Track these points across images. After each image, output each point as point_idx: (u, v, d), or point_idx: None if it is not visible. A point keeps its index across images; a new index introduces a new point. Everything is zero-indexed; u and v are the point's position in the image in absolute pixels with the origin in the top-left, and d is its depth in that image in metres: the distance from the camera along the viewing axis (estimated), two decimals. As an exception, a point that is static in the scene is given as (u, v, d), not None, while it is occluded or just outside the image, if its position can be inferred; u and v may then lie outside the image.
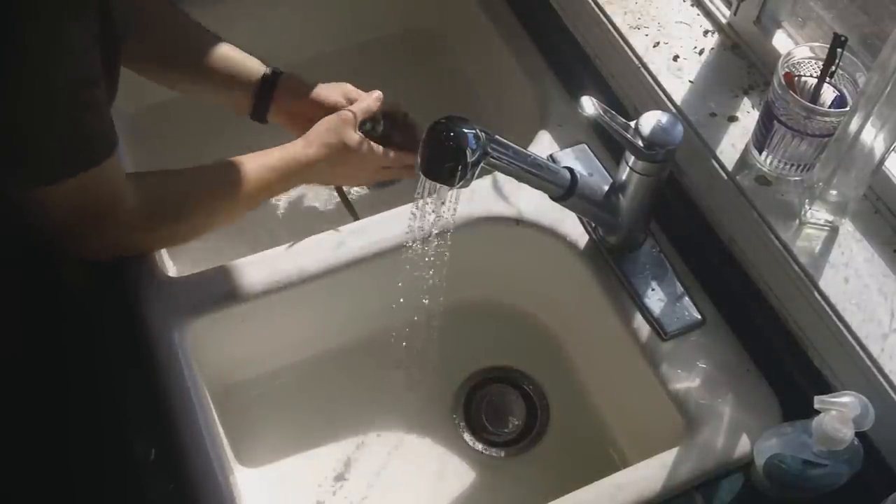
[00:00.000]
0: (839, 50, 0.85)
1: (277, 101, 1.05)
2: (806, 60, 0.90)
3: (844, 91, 0.88)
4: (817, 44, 0.89)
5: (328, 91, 1.06)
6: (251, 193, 0.96)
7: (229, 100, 1.05)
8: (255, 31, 1.26)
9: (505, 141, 0.81)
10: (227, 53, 1.04)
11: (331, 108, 1.04)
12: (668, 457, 0.86)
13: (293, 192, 1.21)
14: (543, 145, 1.09)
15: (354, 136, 1.01)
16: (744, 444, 0.87)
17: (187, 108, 1.14)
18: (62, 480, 0.93)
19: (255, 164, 0.96)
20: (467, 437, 1.07)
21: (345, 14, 1.34)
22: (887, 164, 0.85)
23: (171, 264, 1.00)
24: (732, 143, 0.96)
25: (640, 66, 1.03)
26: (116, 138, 0.82)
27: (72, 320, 0.95)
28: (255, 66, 1.05)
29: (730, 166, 0.94)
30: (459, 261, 0.89)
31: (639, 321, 0.95)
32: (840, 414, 0.74)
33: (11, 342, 0.95)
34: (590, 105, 0.85)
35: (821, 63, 0.87)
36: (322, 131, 1.00)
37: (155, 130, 1.23)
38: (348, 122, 1.01)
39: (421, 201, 0.82)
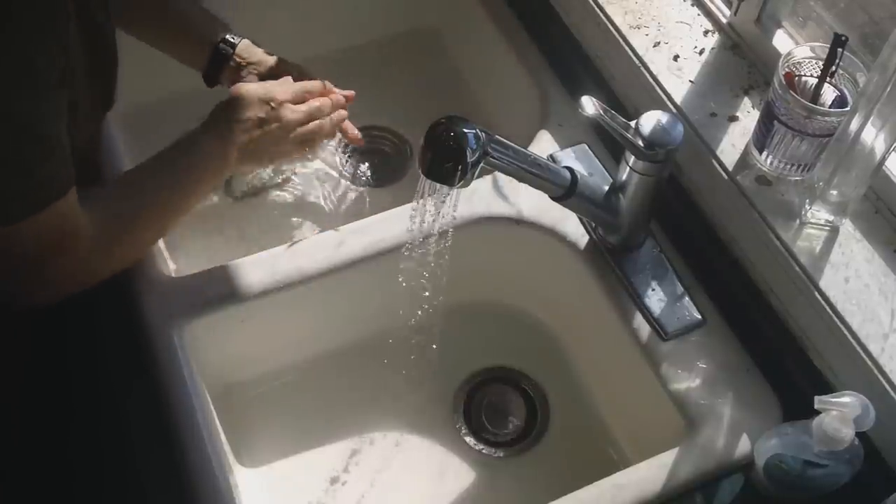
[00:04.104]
0: (839, 50, 0.85)
1: (229, 66, 1.02)
2: (806, 60, 0.90)
3: (845, 91, 0.88)
4: (817, 44, 0.89)
5: (278, 62, 1.03)
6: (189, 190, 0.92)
7: (190, 56, 1.03)
8: (255, 32, 1.25)
9: (505, 141, 0.81)
10: (196, 11, 1.03)
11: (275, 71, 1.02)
12: (668, 457, 0.86)
13: (293, 192, 1.20)
14: (543, 145, 1.09)
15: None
16: (744, 445, 0.87)
17: (184, 105, 1.14)
18: (62, 479, 0.93)
19: (170, 165, 0.92)
20: (467, 437, 1.07)
21: (345, 14, 1.34)
22: (887, 164, 0.85)
23: (171, 264, 1.00)
24: (733, 143, 0.96)
25: (640, 65, 1.03)
26: (72, 173, 0.77)
27: (73, 321, 0.95)
28: (218, 29, 1.02)
29: (730, 166, 0.94)
30: (459, 261, 0.89)
31: (639, 321, 0.95)
32: (840, 414, 0.74)
33: (16, 342, 0.95)
34: (590, 105, 0.85)
35: (821, 63, 0.87)
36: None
37: (150, 129, 1.22)
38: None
39: (421, 201, 0.82)
